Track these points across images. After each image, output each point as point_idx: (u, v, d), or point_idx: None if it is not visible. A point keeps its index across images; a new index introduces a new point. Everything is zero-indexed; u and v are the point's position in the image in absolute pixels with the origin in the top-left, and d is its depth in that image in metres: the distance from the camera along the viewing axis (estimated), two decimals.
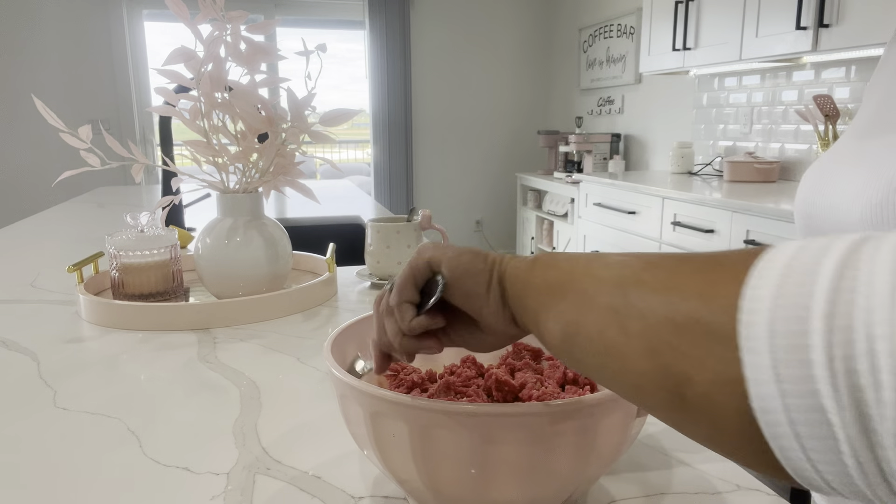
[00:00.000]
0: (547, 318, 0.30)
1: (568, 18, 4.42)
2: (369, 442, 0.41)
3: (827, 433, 0.20)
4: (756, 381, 0.21)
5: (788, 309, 0.21)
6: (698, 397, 0.23)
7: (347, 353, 0.51)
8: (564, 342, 0.29)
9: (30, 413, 0.63)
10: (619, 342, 0.26)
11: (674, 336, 0.24)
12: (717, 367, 0.23)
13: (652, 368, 0.25)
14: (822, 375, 0.20)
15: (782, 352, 0.20)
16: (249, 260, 0.92)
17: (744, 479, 0.51)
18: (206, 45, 0.85)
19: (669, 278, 0.26)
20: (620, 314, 0.26)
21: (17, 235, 1.61)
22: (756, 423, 0.22)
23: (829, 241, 0.22)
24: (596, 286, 0.28)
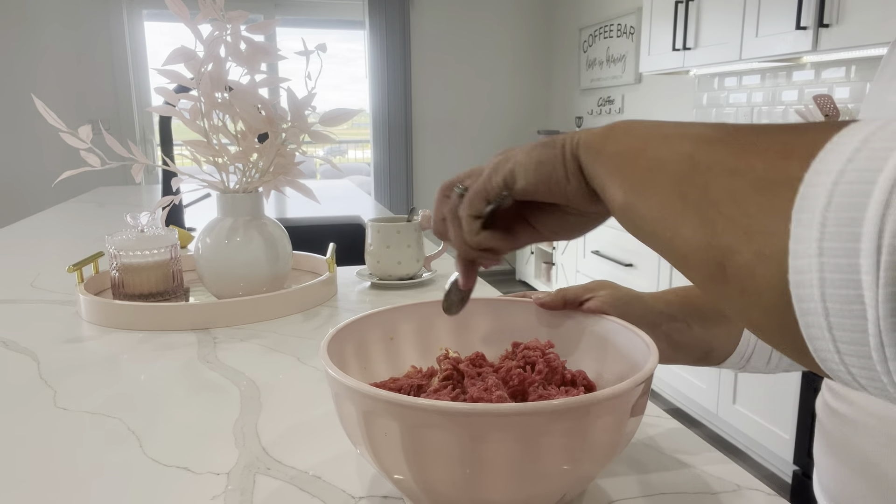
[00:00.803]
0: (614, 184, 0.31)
1: (568, 18, 4.42)
2: (362, 440, 0.41)
3: (857, 312, 0.20)
4: (797, 253, 0.21)
5: (851, 184, 0.20)
6: (738, 269, 0.24)
7: (345, 352, 0.51)
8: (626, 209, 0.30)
9: (30, 413, 0.63)
10: (677, 210, 0.26)
11: (730, 208, 0.24)
12: (764, 240, 0.23)
13: (700, 239, 0.25)
14: (867, 249, 0.19)
15: (833, 225, 0.20)
16: (249, 260, 0.92)
17: (744, 479, 0.51)
18: (206, 45, 0.85)
19: (740, 153, 0.25)
20: (684, 182, 0.27)
21: (17, 235, 1.61)
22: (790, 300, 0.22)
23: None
24: (668, 151, 0.28)
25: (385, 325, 0.56)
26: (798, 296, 0.22)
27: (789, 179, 0.22)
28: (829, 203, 0.21)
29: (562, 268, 3.66)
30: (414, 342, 0.58)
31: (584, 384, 0.49)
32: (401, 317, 0.57)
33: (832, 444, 0.51)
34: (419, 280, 1.09)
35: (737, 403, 2.26)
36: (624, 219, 0.31)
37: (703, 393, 2.42)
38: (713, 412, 2.38)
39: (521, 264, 4.41)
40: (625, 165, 0.30)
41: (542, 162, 0.36)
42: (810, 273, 0.21)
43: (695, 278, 0.27)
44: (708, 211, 0.25)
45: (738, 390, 2.25)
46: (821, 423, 0.54)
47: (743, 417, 2.22)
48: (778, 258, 0.22)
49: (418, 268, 1.10)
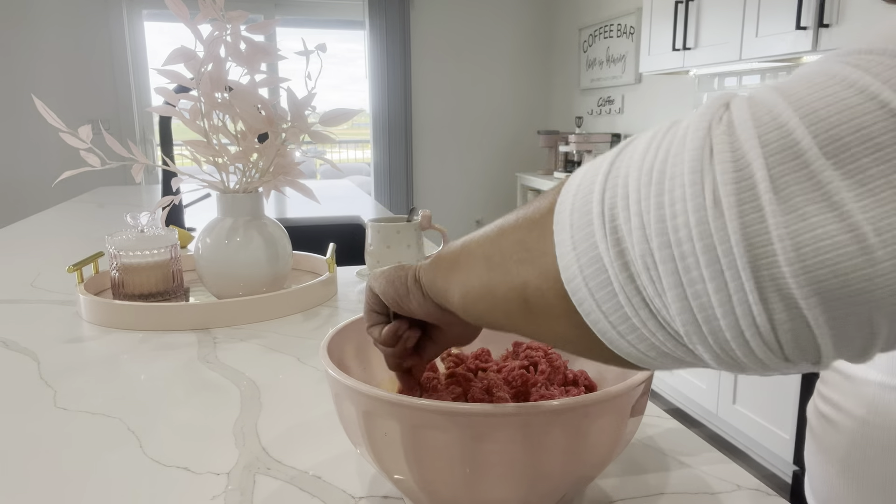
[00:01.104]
0: (451, 289, 0.36)
1: (568, 18, 4.42)
2: (362, 440, 0.41)
3: (605, 281, 0.24)
4: (562, 255, 0.26)
5: (584, 188, 0.26)
6: (534, 294, 0.28)
7: (345, 352, 0.51)
8: (463, 302, 0.35)
9: (30, 413, 0.63)
10: (489, 278, 0.32)
11: (518, 252, 0.29)
12: (543, 261, 0.27)
13: (508, 288, 0.30)
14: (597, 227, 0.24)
15: (577, 221, 0.25)
16: (249, 260, 0.92)
17: (744, 479, 0.51)
18: (206, 45, 0.85)
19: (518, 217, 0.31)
20: (488, 255, 0.32)
21: (17, 235, 1.61)
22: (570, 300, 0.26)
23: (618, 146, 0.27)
24: (476, 245, 0.34)
25: None
26: (571, 289, 0.26)
27: (549, 208, 0.28)
28: (572, 209, 0.26)
29: None
30: None
31: (585, 384, 0.49)
32: None
33: (822, 449, 0.52)
34: None
35: (737, 403, 2.26)
36: (464, 313, 0.35)
37: (703, 393, 2.42)
38: (713, 412, 2.38)
39: None
40: (453, 271, 0.36)
41: (390, 281, 0.42)
42: (572, 266, 0.25)
43: (518, 325, 0.31)
44: (506, 263, 0.30)
45: (738, 390, 2.25)
46: (811, 428, 0.54)
47: (743, 417, 2.22)
48: (553, 268, 0.27)
49: None
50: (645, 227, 0.23)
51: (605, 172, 0.25)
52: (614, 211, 0.24)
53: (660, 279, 0.23)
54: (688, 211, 0.21)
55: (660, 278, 0.22)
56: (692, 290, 0.22)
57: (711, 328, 0.22)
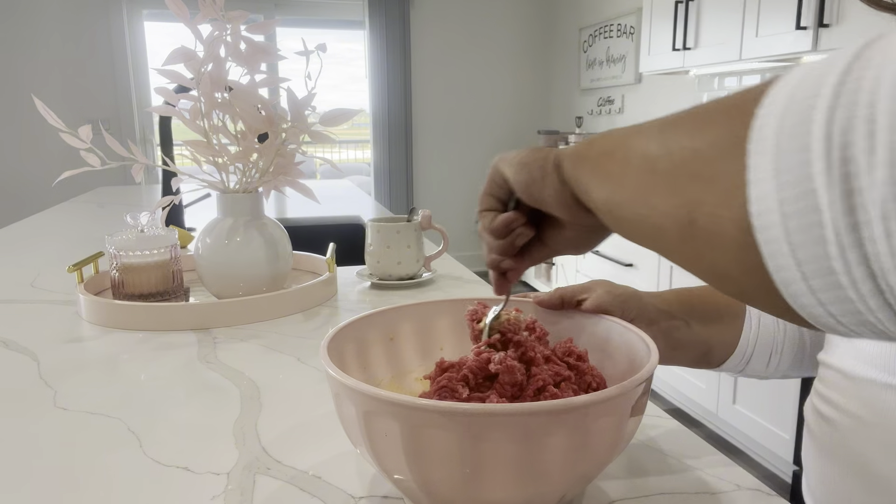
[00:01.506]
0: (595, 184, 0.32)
1: (568, 18, 4.42)
2: (362, 441, 0.41)
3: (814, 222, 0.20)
4: (756, 181, 0.21)
5: (801, 101, 0.21)
6: (706, 218, 0.24)
7: (345, 352, 0.51)
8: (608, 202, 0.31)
9: (30, 413, 0.63)
10: (648, 184, 0.28)
11: (694, 163, 0.25)
12: (725, 182, 0.23)
13: (670, 202, 0.26)
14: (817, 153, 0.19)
15: (786, 141, 0.20)
16: (249, 260, 0.92)
17: (744, 479, 0.51)
18: (206, 45, 0.85)
19: (702, 116, 0.26)
20: (653, 159, 0.28)
21: (17, 235, 1.61)
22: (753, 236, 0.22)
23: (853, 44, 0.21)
24: (639, 139, 0.29)
25: (385, 326, 0.56)
26: (760, 225, 0.21)
27: (743, 119, 0.23)
28: (780, 125, 0.21)
29: (562, 268, 3.66)
30: (414, 342, 0.58)
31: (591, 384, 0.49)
32: (401, 317, 0.57)
33: (820, 448, 0.52)
34: (419, 280, 1.09)
35: (737, 403, 2.26)
36: (607, 214, 0.32)
37: (703, 393, 2.42)
38: (713, 412, 2.38)
39: None
40: (603, 163, 0.32)
41: (524, 164, 0.38)
42: (769, 197, 0.21)
43: (671, 246, 0.27)
44: (675, 174, 0.26)
45: (738, 390, 2.25)
46: (808, 427, 0.54)
47: (743, 417, 2.22)
48: (739, 193, 0.22)
49: (418, 268, 1.10)
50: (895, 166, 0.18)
51: (835, 82, 0.20)
52: (849, 137, 0.19)
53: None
54: None
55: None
56: None
57: None
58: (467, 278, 1.14)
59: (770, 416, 2.10)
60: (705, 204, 0.24)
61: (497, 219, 0.41)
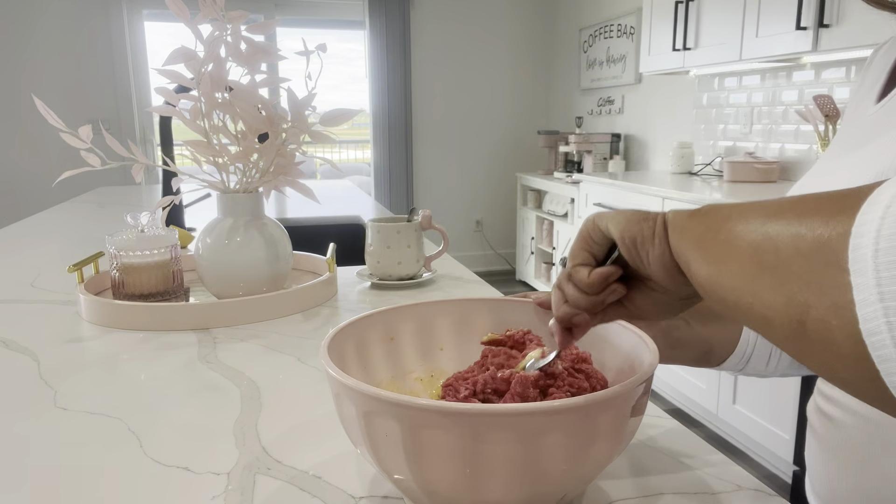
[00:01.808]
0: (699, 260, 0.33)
1: (568, 18, 4.42)
2: (363, 440, 0.41)
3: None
4: (862, 303, 0.23)
5: (890, 228, 0.22)
6: (816, 323, 0.25)
7: (345, 352, 0.51)
8: (710, 281, 0.32)
9: (30, 413, 0.63)
10: (755, 277, 0.28)
11: (800, 266, 0.26)
12: (833, 294, 0.24)
13: (779, 300, 0.27)
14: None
15: (884, 270, 0.22)
16: (249, 260, 0.92)
17: (744, 479, 0.51)
18: (206, 45, 0.85)
19: (802, 215, 0.28)
20: (759, 251, 0.29)
21: (17, 235, 1.61)
22: (866, 349, 0.23)
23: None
24: (744, 226, 0.31)
25: (385, 326, 0.56)
26: (872, 343, 0.23)
27: (842, 233, 0.24)
28: (876, 250, 0.23)
29: (561, 268, 3.66)
30: (414, 342, 0.58)
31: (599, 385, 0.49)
32: (401, 317, 0.57)
33: (823, 447, 0.52)
34: (419, 280, 1.09)
35: (737, 403, 2.26)
36: (708, 291, 0.32)
37: (703, 393, 2.42)
38: (713, 412, 2.38)
39: (522, 265, 4.41)
40: (707, 240, 0.33)
41: (630, 223, 0.38)
42: (877, 319, 0.22)
43: (779, 339, 0.28)
44: (782, 273, 0.27)
45: (738, 390, 2.24)
46: (812, 427, 0.54)
47: (743, 417, 2.22)
48: (848, 308, 0.24)
49: (418, 268, 1.10)
50: None
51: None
52: None
53: None
54: None
55: None
56: None
57: None
58: (467, 278, 1.14)
59: (770, 417, 2.10)
60: (815, 308, 0.25)
61: (594, 273, 0.40)
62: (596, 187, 3.07)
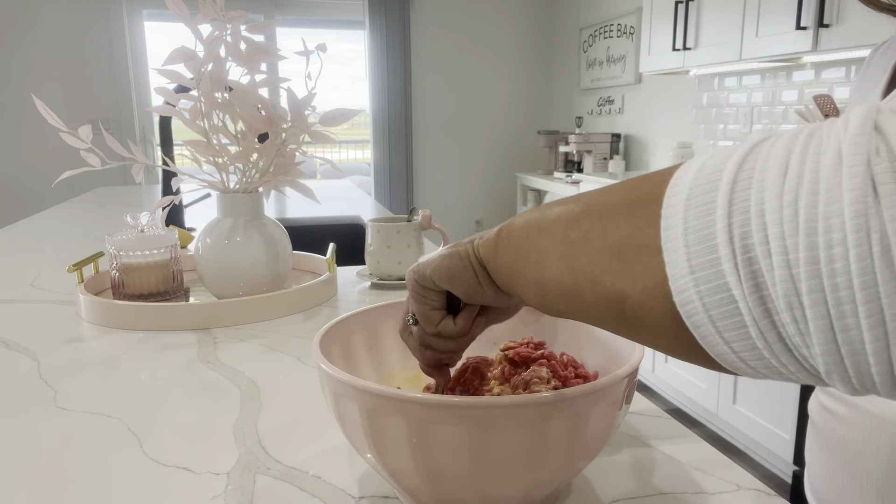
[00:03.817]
0: (521, 285, 0.34)
1: (568, 18, 4.42)
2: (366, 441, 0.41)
3: (733, 310, 0.23)
4: (675, 277, 0.24)
5: (698, 205, 0.24)
6: (635, 309, 0.27)
7: (332, 352, 0.51)
8: (540, 300, 0.33)
9: (30, 413, 0.63)
10: (573, 284, 0.30)
11: (612, 261, 0.28)
12: (646, 277, 0.26)
13: (599, 298, 0.29)
14: (725, 255, 0.23)
15: (694, 244, 0.24)
16: (249, 260, 0.92)
17: (744, 479, 0.51)
18: (206, 45, 0.85)
19: (602, 213, 0.29)
20: (569, 259, 0.30)
21: (17, 235, 1.61)
22: (682, 320, 0.25)
23: (735, 145, 0.25)
24: (548, 241, 0.32)
25: (371, 324, 0.57)
26: (685, 312, 0.25)
27: (649, 219, 0.26)
28: (685, 228, 0.24)
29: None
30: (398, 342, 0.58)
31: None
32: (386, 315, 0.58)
33: (825, 444, 0.52)
34: None
35: (737, 403, 2.26)
36: (541, 306, 0.34)
37: (703, 393, 2.42)
38: (713, 412, 2.38)
39: None
40: (521, 268, 0.34)
41: (454, 275, 0.39)
42: (688, 291, 0.24)
43: (611, 328, 0.30)
44: (596, 273, 0.29)
45: (738, 390, 2.25)
46: (813, 423, 0.54)
47: (743, 417, 2.22)
48: (662, 286, 0.25)
49: None
50: (791, 266, 0.21)
51: (727, 189, 0.23)
52: (748, 242, 0.22)
53: (805, 320, 0.22)
54: (849, 258, 0.20)
55: (805, 320, 0.22)
56: (844, 336, 0.21)
57: (859, 370, 0.21)
58: None
59: (770, 416, 2.10)
60: (630, 297, 0.27)
61: (458, 319, 0.42)
62: (596, 187, 3.07)
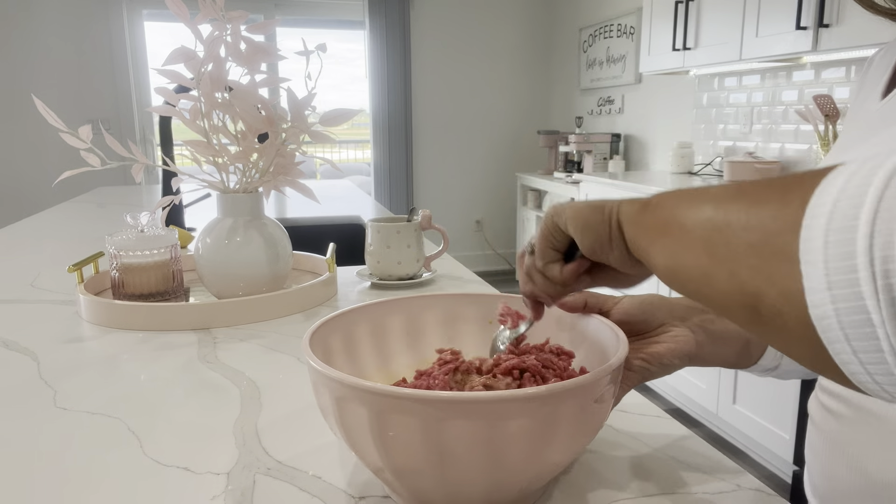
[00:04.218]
0: (655, 253, 0.35)
1: (568, 18, 4.42)
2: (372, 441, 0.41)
3: (870, 333, 0.23)
4: (812, 290, 0.25)
5: (840, 221, 0.24)
6: (769, 310, 0.27)
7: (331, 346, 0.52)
8: (668, 273, 0.33)
9: (30, 413, 0.63)
10: (709, 268, 0.30)
11: (751, 257, 0.28)
12: (783, 282, 0.26)
13: (733, 289, 0.29)
14: (864, 278, 0.23)
15: (833, 261, 0.24)
16: (249, 260, 0.92)
17: (744, 479, 0.51)
18: (206, 45, 0.85)
19: (751, 206, 0.29)
20: (710, 243, 0.30)
21: (17, 235, 1.61)
22: (816, 332, 0.25)
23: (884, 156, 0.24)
24: (693, 221, 0.32)
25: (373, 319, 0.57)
26: (821, 327, 0.25)
27: (792, 225, 0.26)
28: (826, 242, 0.24)
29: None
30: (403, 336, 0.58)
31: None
32: (388, 310, 0.58)
33: (825, 443, 0.52)
34: (419, 280, 1.09)
35: (737, 403, 2.26)
36: (668, 281, 0.34)
37: (703, 393, 2.42)
38: (713, 412, 2.38)
39: None
40: (661, 236, 0.34)
41: (588, 226, 0.40)
42: (825, 306, 0.24)
43: (740, 323, 0.30)
44: (733, 264, 0.29)
45: (738, 390, 2.25)
46: (813, 422, 0.54)
47: (743, 417, 2.22)
48: (798, 296, 0.25)
49: (418, 268, 1.10)
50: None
51: (871, 210, 0.23)
52: (889, 267, 0.22)
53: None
54: None
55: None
56: None
57: None
58: (467, 278, 1.14)
59: (770, 416, 2.10)
60: (767, 296, 0.27)
61: (565, 269, 0.43)
62: (596, 187, 3.07)
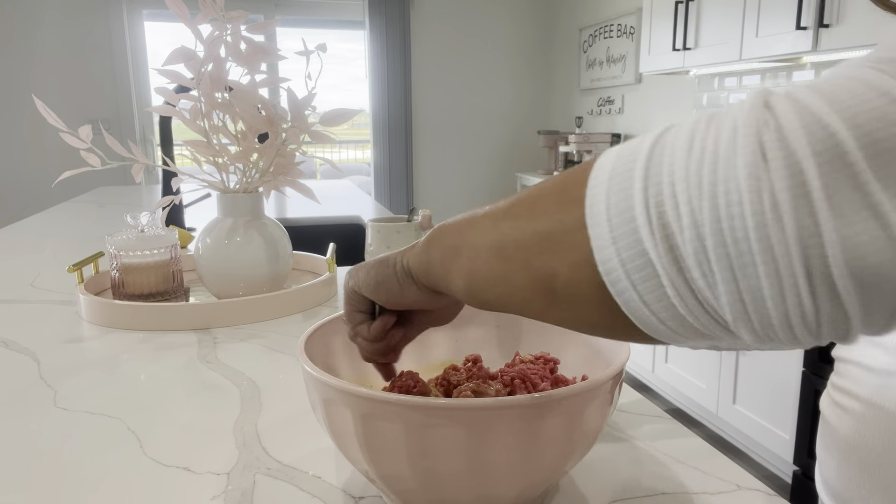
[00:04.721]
0: (453, 278, 0.36)
1: (568, 18, 4.42)
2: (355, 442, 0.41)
3: (652, 273, 0.26)
4: (599, 249, 0.27)
5: (618, 183, 0.27)
6: (564, 285, 0.29)
7: (332, 350, 0.51)
8: (469, 289, 0.35)
9: (30, 413, 0.63)
10: (505, 270, 0.32)
11: (541, 243, 0.30)
12: (574, 254, 0.28)
13: (528, 279, 0.31)
14: (642, 223, 0.25)
15: (615, 216, 0.26)
16: (249, 260, 0.92)
17: (744, 479, 0.51)
18: (206, 45, 0.85)
19: (532, 203, 0.32)
20: (501, 247, 0.32)
21: (17, 235, 1.61)
22: (607, 290, 0.27)
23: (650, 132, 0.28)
24: (479, 234, 0.34)
25: None
26: (610, 281, 0.27)
27: (575, 199, 0.28)
28: (608, 203, 0.27)
29: None
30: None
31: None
32: None
33: (837, 441, 0.52)
34: None
35: (737, 403, 2.26)
36: (470, 298, 0.35)
37: (703, 393, 2.42)
38: (713, 412, 2.38)
39: None
40: (453, 260, 0.35)
41: (379, 282, 0.42)
42: (612, 260, 0.27)
43: (539, 311, 0.32)
44: (526, 255, 0.31)
45: (738, 390, 2.25)
46: (826, 420, 0.54)
47: (743, 417, 2.22)
48: (588, 261, 0.28)
49: None
50: (698, 226, 0.24)
51: (643, 167, 0.26)
52: (662, 209, 0.25)
53: (713, 274, 0.24)
54: (745, 215, 0.23)
55: (713, 273, 0.24)
56: (746, 285, 0.24)
57: (760, 317, 0.24)
58: None
59: (770, 416, 2.10)
60: (560, 273, 0.29)
61: (372, 327, 0.44)
62: None
